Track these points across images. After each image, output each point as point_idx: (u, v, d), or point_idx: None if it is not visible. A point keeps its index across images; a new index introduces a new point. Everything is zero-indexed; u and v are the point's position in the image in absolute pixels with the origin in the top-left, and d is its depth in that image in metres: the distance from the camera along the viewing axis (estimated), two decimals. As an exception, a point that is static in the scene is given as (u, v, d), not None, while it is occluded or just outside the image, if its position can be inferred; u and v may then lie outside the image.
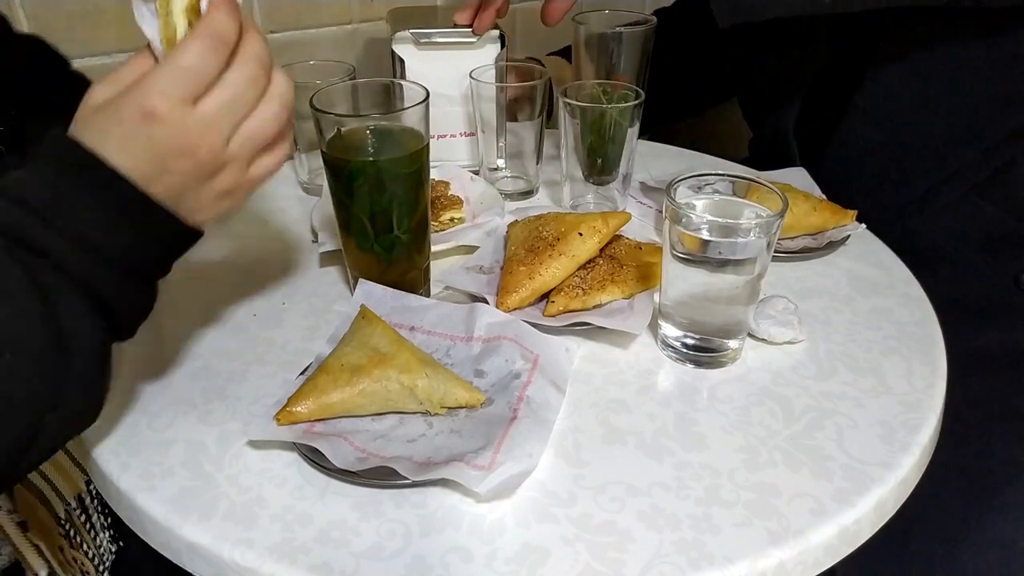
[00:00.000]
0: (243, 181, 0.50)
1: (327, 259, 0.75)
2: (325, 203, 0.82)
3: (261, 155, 0.50)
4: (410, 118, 0.62)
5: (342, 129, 0.62)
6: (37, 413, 0.43)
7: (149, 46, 0.48)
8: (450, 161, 0.91)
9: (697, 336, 0.61)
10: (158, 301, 0.50)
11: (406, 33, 0.86)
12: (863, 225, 0.77)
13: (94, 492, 0.65)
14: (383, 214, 0.63)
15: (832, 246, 0.76)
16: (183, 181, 0.46)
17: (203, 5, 0.46)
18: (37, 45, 0.80)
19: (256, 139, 0.49)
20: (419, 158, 0.63)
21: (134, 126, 0.44)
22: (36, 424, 0.43)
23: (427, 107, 0.62)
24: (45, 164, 0.44)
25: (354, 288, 0.66)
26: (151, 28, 0.47)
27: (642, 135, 0.80)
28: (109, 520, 0.67)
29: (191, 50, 0.45)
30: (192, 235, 0.49)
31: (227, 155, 0.47)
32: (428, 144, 0.64)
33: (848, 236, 0.77)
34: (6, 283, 0.41)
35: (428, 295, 0.70)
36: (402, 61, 0.87)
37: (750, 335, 0.64)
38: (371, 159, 0.63)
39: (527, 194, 0.88)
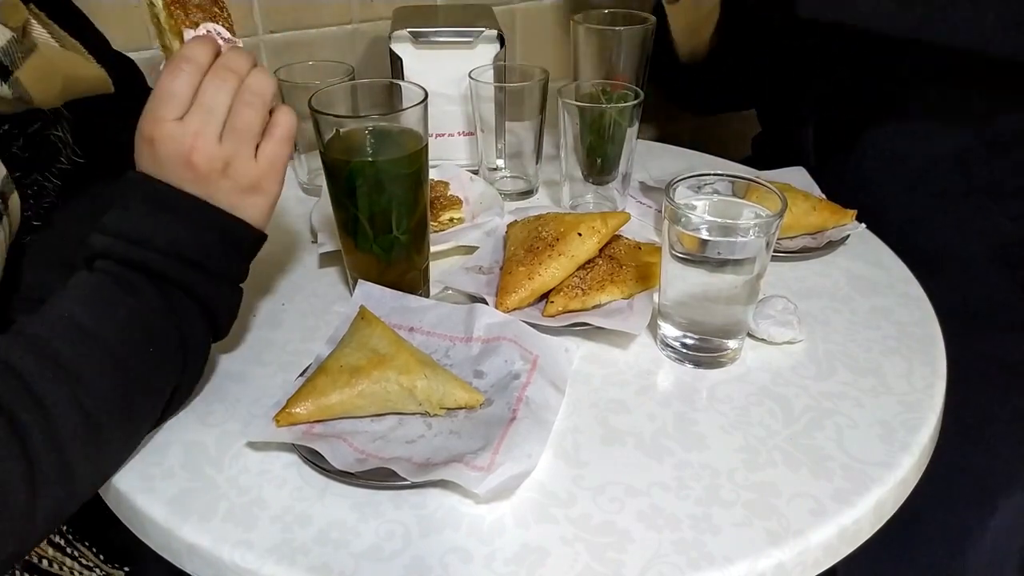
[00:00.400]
0: (257, 171, 0.55)
1: (327, 259, 0.75)
2: (325, 203, 0.82)
3: (262, 144, 0.56)
4: (409, 119, 0.62)
5: (341, 130, 0.62)
6: (168, 392, 0.53)
7: None
8: (449, 161, 0.91)
9: (696, 336, 0.61)
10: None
11: (404, 32, 0.86)
12: (863, 225, 0.77)
13: (61, 542, 0.64)
14: (382, 215, 0.63)
15: (832, 246, 0.76)
16: (198, 186, 0.53)
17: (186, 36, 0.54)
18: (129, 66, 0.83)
19: (241, 132, 0.54)
20: (418, 159, 0.63)
21: (147, 152, 0.52)
22: (167, 400, 0.53)
23: (426, 108, 0.62)
24: (133, 200, 0.53)
25: (353, 289, 0.66)
26: None
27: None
28: (101, 557, 0.67)
29: (163, 77, 0.52)
30: (259, 236, 0.57)
31: (224, 153, 0.53)
32: (427, 145, 0.64)
33: (848, 236, 0.77)
34: (146, 298, 0.51)
35: (427, 295, 0.69)
36: (400, 60, 0.86)
37: (749, 335, 0.64)
38: (370, 160, 0.63)
39: (526, 194, 0.88)
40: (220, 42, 0.55)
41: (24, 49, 0.56)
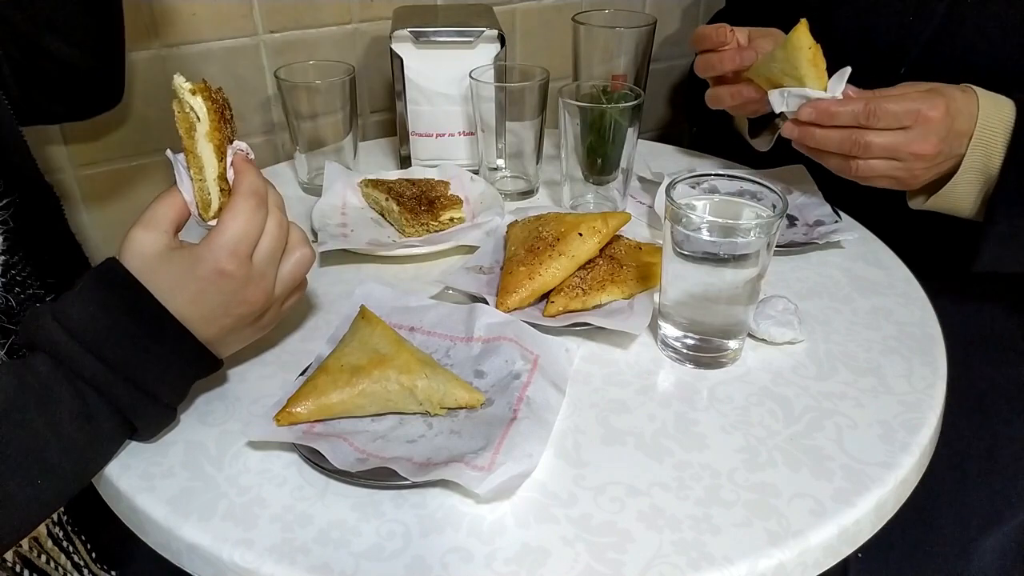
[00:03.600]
0: (277, 317, 0.58)
1: (327, 259, 0.75)
2: (325, 203, 0.82)
3: (292, 293, 0.58)
4: None
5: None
6: (38, 521, 0.50)
7: (176, 185, 0.54)
8: (449, 160, 0.91)
9: (697, 336, 0.61)
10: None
11: (405, 32, 0.86)
12: (857, 233, 0.77)
13: (59, 534, 0.64)
14: None
15: (823, 246, 0.76)
16: (236, 323, 0.54)
17: (229, 174, 0.54)
18: None
19: (294, 282, 0.57)
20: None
21: (209, 282, 0.51)
22: (34, 525, 0.50)
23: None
24: (117, 313, 0.49)
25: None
26: (188, 190, 0.54)
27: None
28: (93, 555, 0.67)
29: (244, 212, 0.52)
30: (218, 367, 0.56)
31: (273, 298, 0.55)
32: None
33: (839, 239, 0.76)
34: (60, 414, 0.47)
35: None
36: (401, 60, 0.86)
37: (750, 335, 0.64)
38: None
39: (527, 194, 0.88)
40: (251, 157, 0.56)
41: None
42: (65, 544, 0.64)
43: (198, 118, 0.53)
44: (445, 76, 0.87)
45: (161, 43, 0.95)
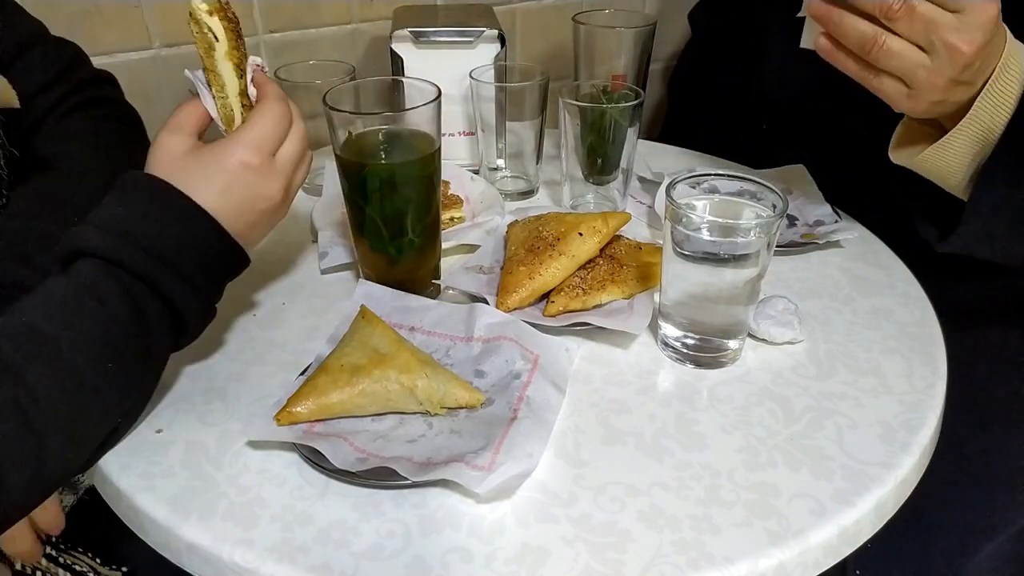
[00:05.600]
0: (290, 199, 0.60)
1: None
2: (325, 203, 0.82)
3: (297, 170, 0.60)
4: (421, 118, 0.62)
5: (353, 132, 0.63)
6: (124, 405, 0.52)
7: (196, 94, 0.57)
8: (450, 160, 0.91)
9: (697, 336, 0.61)
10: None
11: (405, 32, 0.86)
12: (857, 232, 0.77)
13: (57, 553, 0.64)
14: (396, 217, 0.64)
15: (822, 246, 0.76)
16: (259, 217, 0.57)
17: (250, 91, 0.58)
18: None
19: (301, 182, 0.61)
20: (431, 162, 0.64)
21: (235, 175, 0.54)
22: (114, 424, 0.52)
23: (439, 107, 0.63)
24: (153, 211, 0.52)
25: (359, 282, 0.66)
26: (210, 106, 0.57)
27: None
28: (98, 560, 0.67)
29: (274, 113, 0.56)
30: (246, 263, 0.58)
31: (288, 196, 0.59)
32: (440, 148, 0.64)
33: (839, 239, 0.76)
34: (118, 307, 0.49)
35: (438, 292, 0.70)
36: (401, 60, 0.87)
37: (750, 335, 0.64)
38: (383, 163, 0.64)
39: (527, 194, 0.88)
40: (266, 70, 0.60)
41: None
42: (62, 559, 0.64)
43: (216, 38, 0.54)
44: (445, 76, 0.86)
45: (161, 43, 0.95)
